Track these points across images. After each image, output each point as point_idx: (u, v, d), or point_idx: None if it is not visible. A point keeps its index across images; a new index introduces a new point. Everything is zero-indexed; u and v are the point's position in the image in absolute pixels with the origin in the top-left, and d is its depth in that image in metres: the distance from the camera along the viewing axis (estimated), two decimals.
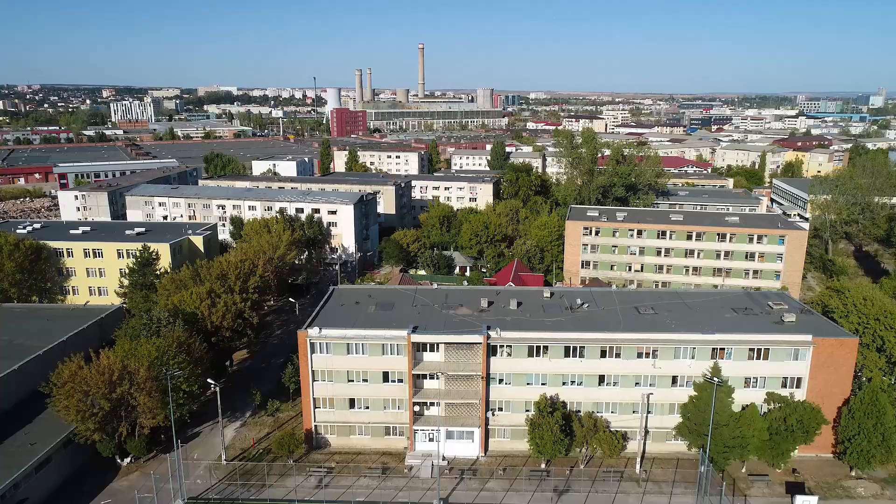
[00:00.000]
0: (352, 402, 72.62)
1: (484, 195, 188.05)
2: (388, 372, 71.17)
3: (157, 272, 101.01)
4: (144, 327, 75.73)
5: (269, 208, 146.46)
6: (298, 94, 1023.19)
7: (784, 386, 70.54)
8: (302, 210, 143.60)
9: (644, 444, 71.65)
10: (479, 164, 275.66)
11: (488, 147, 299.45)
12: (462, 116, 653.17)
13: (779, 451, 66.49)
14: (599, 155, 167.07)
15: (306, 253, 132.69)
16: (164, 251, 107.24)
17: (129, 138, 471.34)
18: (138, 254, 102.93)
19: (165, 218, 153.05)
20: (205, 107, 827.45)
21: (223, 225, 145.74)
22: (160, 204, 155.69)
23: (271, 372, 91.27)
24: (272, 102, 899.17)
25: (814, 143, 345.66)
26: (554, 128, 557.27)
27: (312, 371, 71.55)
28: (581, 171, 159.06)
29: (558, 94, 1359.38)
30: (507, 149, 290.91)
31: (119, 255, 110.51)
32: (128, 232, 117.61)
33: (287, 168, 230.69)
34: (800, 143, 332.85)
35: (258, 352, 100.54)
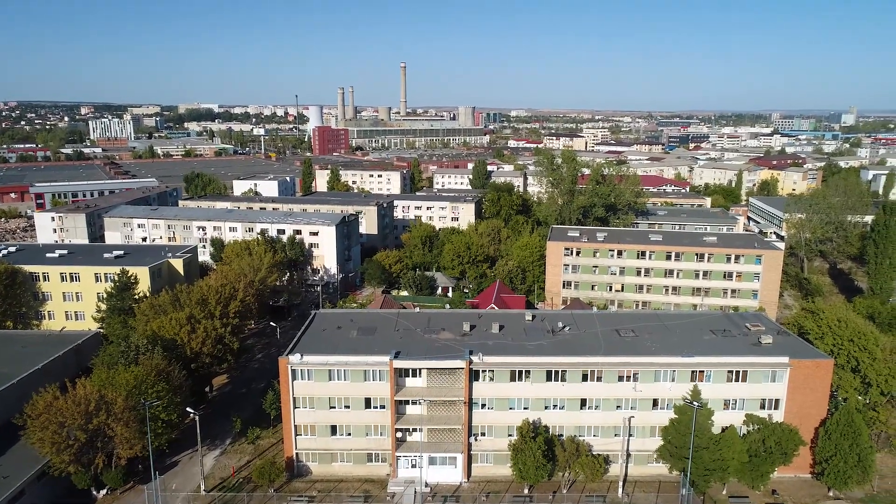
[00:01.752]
0: (334, 429, 72.07)
1: (466, 215, 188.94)
2: (370, 398, 70.84)
3: (136, 297, 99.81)
4: (122, 355, 74.64)
5: (251, 230, 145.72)
6: (280, 112, 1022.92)
7: (762, 407, 71.43)
8: (283, 231, 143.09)
9: (626, 467, 72.00)
10: (461, 183, 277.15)
11: (470, 166, 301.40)
12: (444, 134, 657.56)
13: (758, 472, 67.16)
14: (580, 174, 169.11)
15: (288, 275, 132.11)
16: (142, 275, 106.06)
17: (108, 156, 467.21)
18: (116, 278, 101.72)
19: (145, 240, 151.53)
20: (185, 124, 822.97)
21: (204, 247, 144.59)
22: (139, 225, 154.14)
23: (252, 397, 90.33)
24: (254, 120, 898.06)
25: (788, 161, 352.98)
26: (535, 146, 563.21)
27: (294, 398, 70.97)
28: (561, 190, 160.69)
29: (539, 111, 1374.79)
30: (489, 167, 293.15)
31: (97, 279, 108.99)
32: (106, 255, 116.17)
33: (269, 188, 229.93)
34: (775, 162, 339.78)
35: (238, 377, 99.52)
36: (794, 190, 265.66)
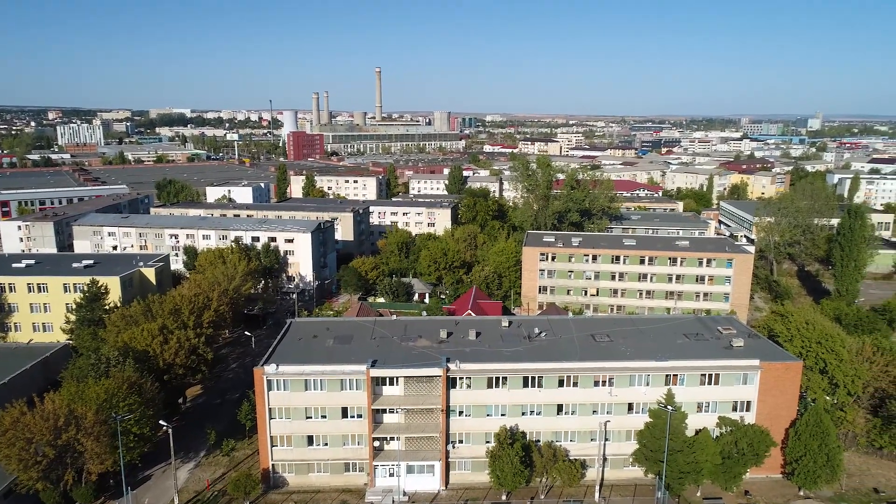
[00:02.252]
0: (310, 440, 71.48)
1: (442, 220, 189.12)
2: (347, 407, 70.45)
3: (107, 307, 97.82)
4: (92, 367, 73.13)
5: (224, 237, 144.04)
6: (254, 117, 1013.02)
7: (734, 410, 72.66)
8: (258, 239, 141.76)
9: (602, 471, 72.64)
10: (438, 189, 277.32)
11: (446, 171, 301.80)
12: (420, 139, 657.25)
13: (731, 474, 68.29)
14: (554, 180, 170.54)
15: (263, 282, 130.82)
16: (113, 285, 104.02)
17: (77, 163, 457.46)
18: (86, 288, 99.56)
19: (115, 248, 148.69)
20: (157, 129, 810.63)
21: (176, 255, 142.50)
22: (110, 234, 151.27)
23: (226, 408, 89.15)
24: (227, 125, 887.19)
25: (757, 165, 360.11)
26: (510, 151, 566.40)
27: (269, 408, 70.24)
28: (537, 196, 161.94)
29: (514, 116, 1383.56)
30: (465, 173, 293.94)
31: (65, 289, 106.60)
32: (75, 265, 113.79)
33: (242, 194, 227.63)
34: (744, 166, 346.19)
35: (213, 387, 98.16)
36: (763, 194, 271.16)
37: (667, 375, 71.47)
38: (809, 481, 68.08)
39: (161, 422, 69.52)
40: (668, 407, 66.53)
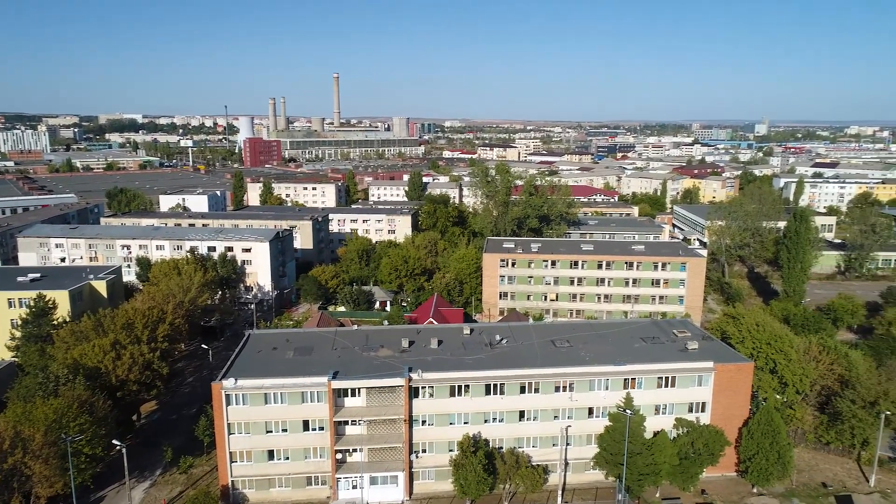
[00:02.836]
0: (271, 454, 70.27)
1: (402, 227, 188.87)
2: (308, 420, 69.54)
3: (55, 323, 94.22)
4: (40, 386, 70.34)
5: (179, 247, 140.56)
6: (209, 123, 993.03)
7: (690, 411, 74.57)
8: (214, 248, 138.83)
9: (564, 476, 73.49)
10: (397, 195, 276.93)
11: (406, 177, 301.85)
12: (379, 145, 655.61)
13: (688, 474, 69.99)
14: (513, 186, 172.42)
15: (219, 293, 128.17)
16: (62, 299, 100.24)
17: (22, 171, 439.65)
18: (32, 303, 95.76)
19: (64, 261, 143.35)
20: (107, 135, 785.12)
21: (128, 267, 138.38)
22: (57, 245, 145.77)
23: (183, 424, 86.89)
24: (181, 131, 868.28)
25: (708, 170, 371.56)
26: (469, 156, 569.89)
27: (228, 424, 68.75)
28: (496, 202, 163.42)
29: (473, 122, 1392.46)
30: (425, 179, 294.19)
31: (10, 304, 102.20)
32: (20, 279, 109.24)
33: (198, 202, 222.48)
34: (696, 171, 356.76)
35: (168, 402, 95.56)
36: (714, 198, 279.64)
37: (625, 379, 72.87)
38: (762, 478, 70.35)
39: (114, 441, 67.37)
40: (627, 411, 67.82)
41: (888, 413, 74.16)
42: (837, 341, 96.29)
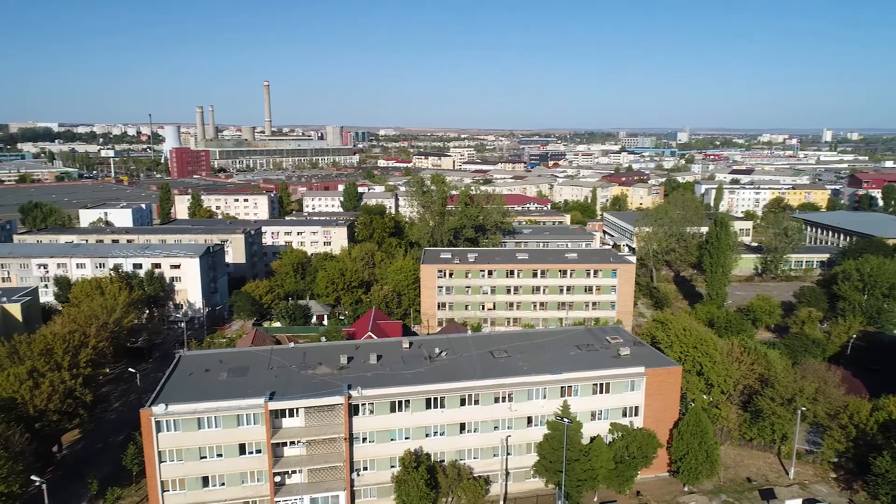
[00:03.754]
0: (205, 481, 67.81)
1: (338, 239, 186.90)
2: (244, 444, 67.49)
3: None
4: None
5: (102, 265, 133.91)
6: (132, 131, 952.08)
7: (624, 415, 77.07)
8: (140, 265, 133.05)
9: (506, 485, 74.42)
10: (333, 206, 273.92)
11: (341, 187, 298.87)
12: (312, 154, 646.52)
13: (624, 477, 72.29)
14: (449, 196, 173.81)
15: (147, 312, 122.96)
16: None
17: None
18: None
19: None
20: (19, 145, 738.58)
21: (46, 287, 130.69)
22: None
23: (110, 453, 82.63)
24: (101, 140, 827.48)
25: (635, 177, 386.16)
26: (405, 165, 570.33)
27: (159, 452, 65.91)
28: (433, 212, 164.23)
29: (407, 130, 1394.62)
30: (360, 189, 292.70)
31: None
32: None
33: (121, 217, 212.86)
34: (624, 179, 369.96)
35: (93, 430, 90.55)
36: (641, 204, 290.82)
37: (562, 387, 74.58)
38: (692, 477, 73.45)
39: (33, 476, 63.35)
40: (565, 419, 69.43)
41: (804, 409, 79.02)
42: (757, 342, 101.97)
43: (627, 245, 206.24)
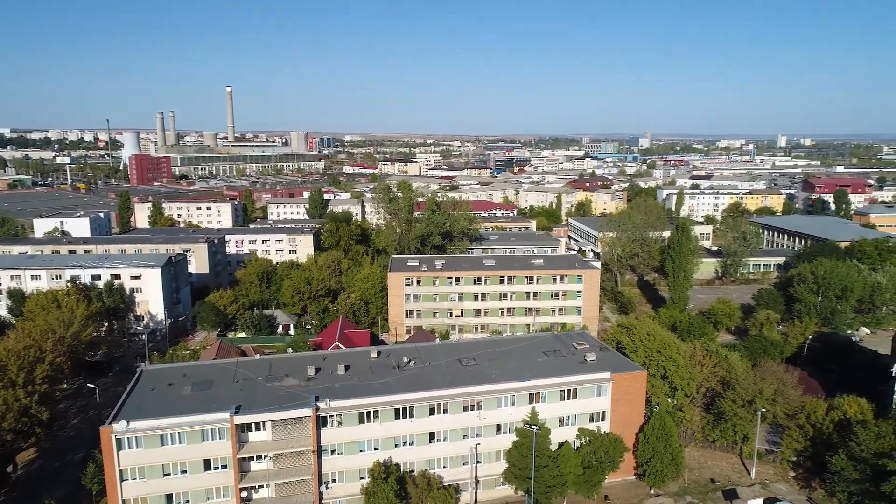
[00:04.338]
0: (169, 498, 66.17)
1: (304, 247, 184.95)
2: (209, 459, 66.14)
3: None
4: None
5: (58, 277, 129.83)
6: (89, 137, 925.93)
7: (591, 421, 78.04)
8: (99, 277, 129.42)
9: (476, 493, 74.57)
10: (298, 213, 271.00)
11: (306, 194, 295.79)
12: (277, 160, 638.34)
13: (592, 482, 73.17)
14: (416, 202, 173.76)
15: (106, 325, 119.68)
16: None
17: None
18: None
19: None
20: None
21: None
22: None
23: (68, 471, 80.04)
24: (56, 146, 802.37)
25: (598, 183, 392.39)
26: (371, 171, 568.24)
27: (120, 470, 64.14)
28: (399, 219, 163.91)
29: (373, 136, 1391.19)
30: (326, 196, 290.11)
31: None
32: None
33: (78, 226, 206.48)
34: (588, 184, 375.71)
35: (50, 448, 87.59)
36: (605, 210, 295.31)
37: (530, 394, 75.15)
38: (658, 480, 74.77)
39: None
40: (533, 426, 69.94)
41: (763, 410, 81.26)
42: (718, 344, 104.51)
43: (592, 250, 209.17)
